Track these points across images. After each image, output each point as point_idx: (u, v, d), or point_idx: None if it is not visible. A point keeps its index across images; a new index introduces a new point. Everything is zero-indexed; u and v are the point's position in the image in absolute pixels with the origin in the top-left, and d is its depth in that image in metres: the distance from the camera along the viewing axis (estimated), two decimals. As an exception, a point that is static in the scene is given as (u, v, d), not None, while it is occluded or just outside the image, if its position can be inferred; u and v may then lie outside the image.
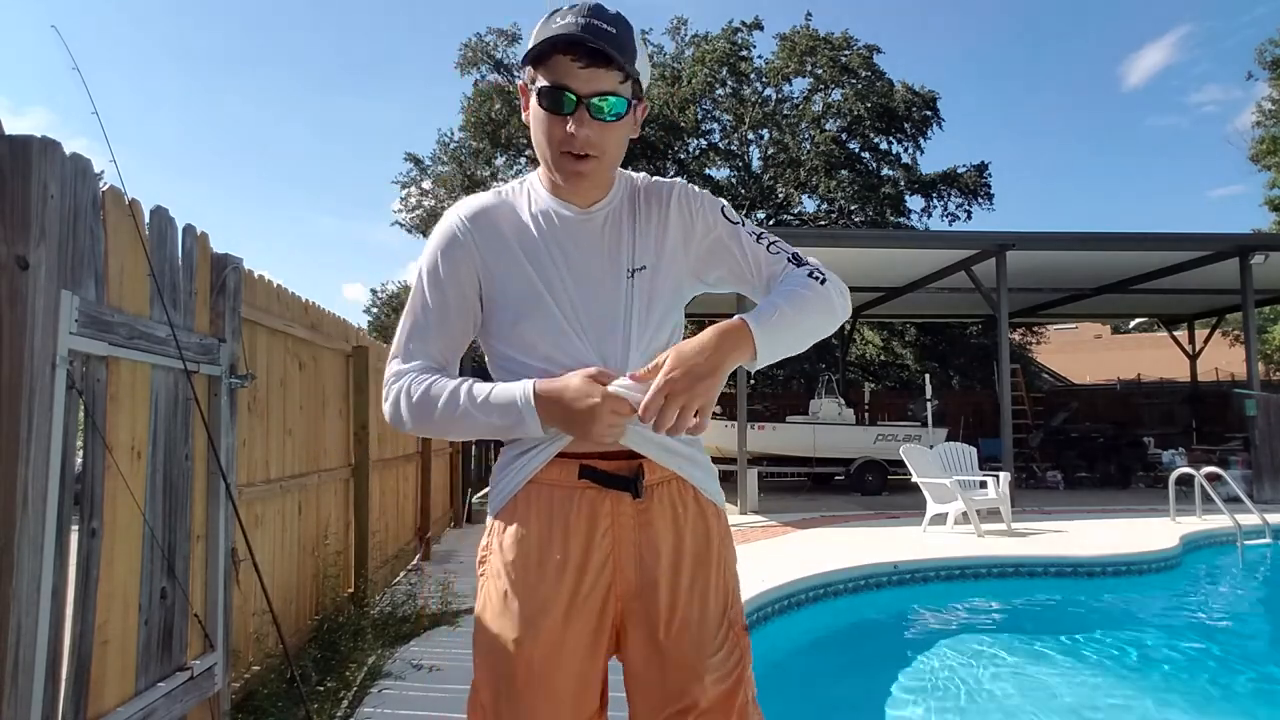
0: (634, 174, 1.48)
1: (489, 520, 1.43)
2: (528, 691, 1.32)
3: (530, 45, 1.30)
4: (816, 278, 1.36)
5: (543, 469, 1.36)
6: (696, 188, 1.46)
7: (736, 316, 1.28)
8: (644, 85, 1.37)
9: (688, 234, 1.42)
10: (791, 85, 25.16)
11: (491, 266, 1.38)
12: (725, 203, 1.46)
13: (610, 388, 1.24)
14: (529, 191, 1.43)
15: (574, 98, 1.27)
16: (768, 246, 1.42)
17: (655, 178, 1.47)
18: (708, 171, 25.88)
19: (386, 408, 1.38)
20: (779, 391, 21.83)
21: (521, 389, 1.28)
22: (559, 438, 1.34)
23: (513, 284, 1.37)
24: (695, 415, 1.20)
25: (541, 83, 1.30)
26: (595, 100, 1.27)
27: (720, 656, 1.37)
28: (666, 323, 1.41)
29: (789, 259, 1.41)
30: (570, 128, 1.28)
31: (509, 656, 1.32)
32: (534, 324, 1.35)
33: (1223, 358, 21.79)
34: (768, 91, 25.24)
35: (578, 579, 1.33)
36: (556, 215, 1.39)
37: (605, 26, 1.27)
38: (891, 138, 24.59)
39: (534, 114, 1.34)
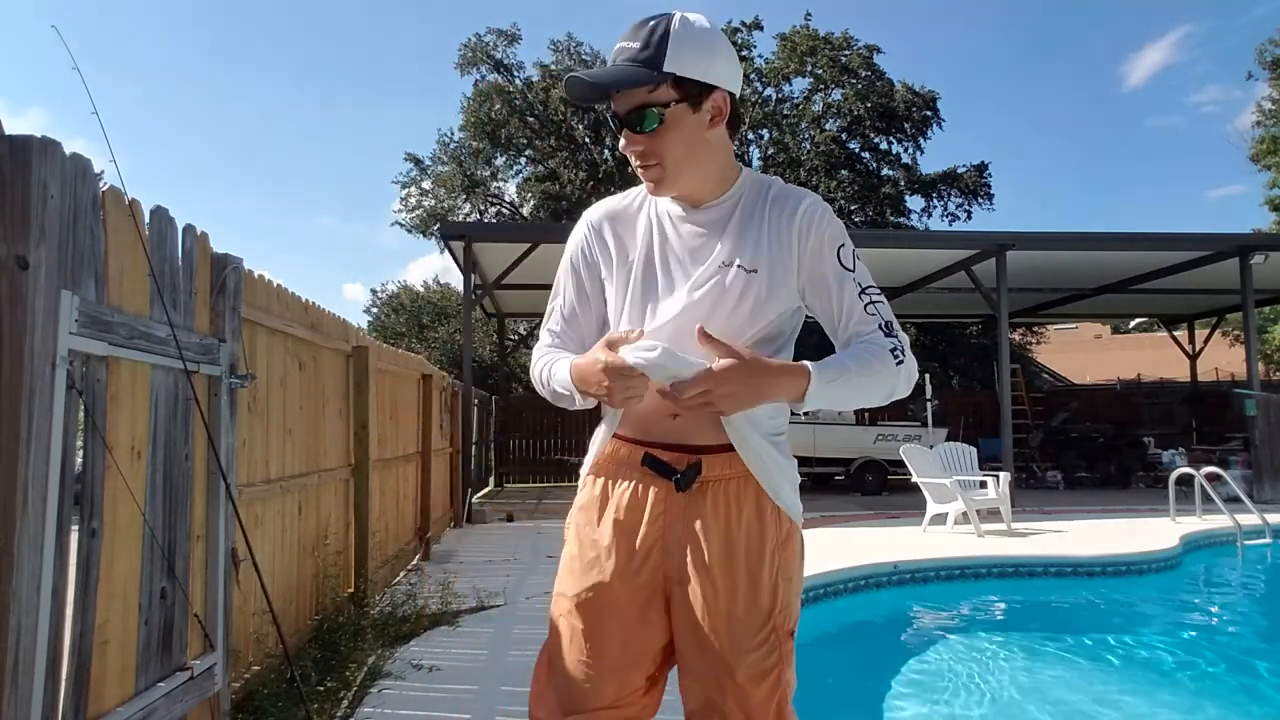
0: (771, 178, 1.50)
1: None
2: (573, 647, 1.45)
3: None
4: (896, 357, 1.38)
5: (619, 447, 1.49)
6: (829, 211, 1.46)
7: (805, 363, 1.34)
8: (704, 77, 1.35)
9: (799, 248, 1.43)
10: (791, 85, 25.19)
11: (604, 263, 1.52)
12: (847, 243, 1.45)
13: (622, 352, 1.30)
14: (654, 199, 1.52)
15: (617, 119, 1.39)
16: (866, 306, 1.42)
17: (790, 185, 1.49)
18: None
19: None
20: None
21: (566, 366, 1.43)
22: (616, 413, 1.49)
23: (616, 277, 1.50)
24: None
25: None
26: (630, 117, 1.36)
27: (759, 655, 1.41)
28: (759, 321, 1.43)
29: (880, 326, 1.41)
30: (623, 144, 1.41)
31: (561, 611, 1.48)
32: (627, 313, 1.47)
33: (1223, 358, 21.79)
34: (768, 91, 25.26)
35: (629, 553, 1.44)
36: (669, 214, 1.48)
37: (628, 44, 1.34)
38: (891, 138, 24.61)
39: None
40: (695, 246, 1.44)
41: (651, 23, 1.34)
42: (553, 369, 1.46)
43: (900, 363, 1.38)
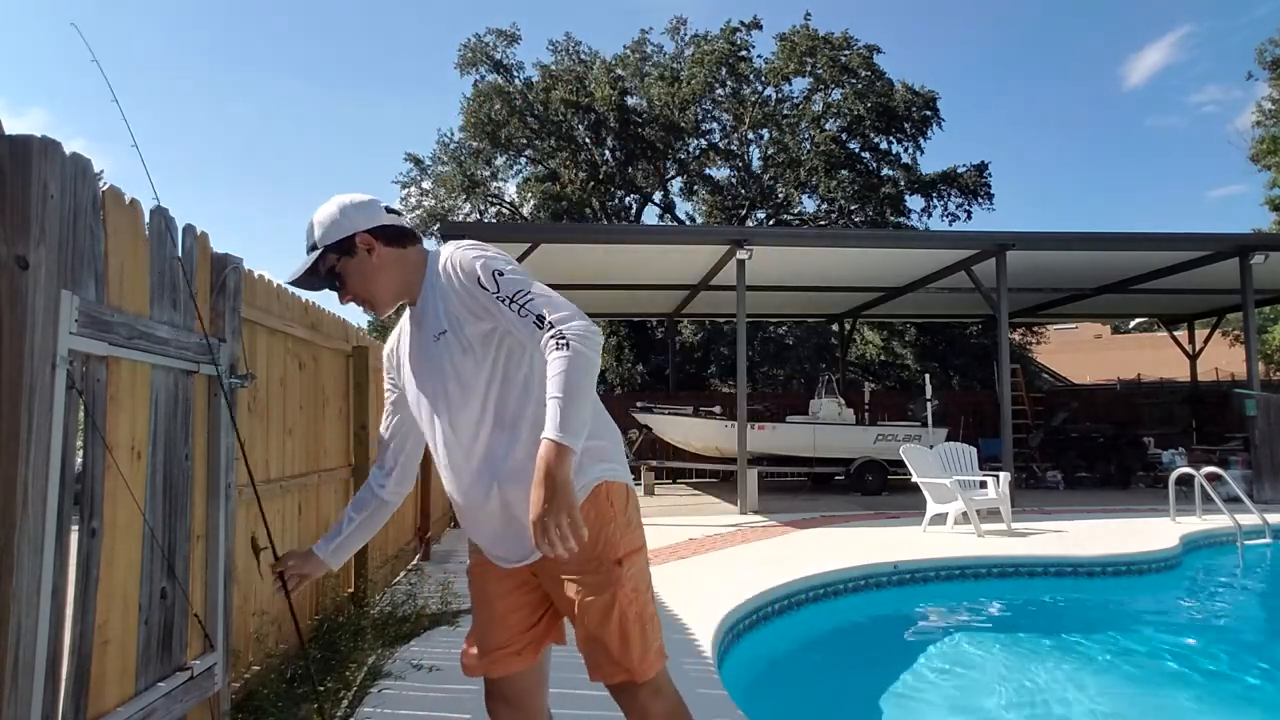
0: (436, 254, 1.83)
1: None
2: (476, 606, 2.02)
3: None
4: (557, 343, 1.58)
5: None
6: (460, 251, 1.76)
7: (543, 437, 1.54)
8: (345, 233, 1.82)
9: (455, 294, 1.74)
10: (791, 85, 25.17)
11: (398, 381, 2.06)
12: (480, 272, 1.71)
13: None
14: (405, 319, 1.97)
15: (318, 292, 1.93)
16: (519, 313, 1.66)
17: (438, 256, 1.81)
18: (708, 171, 25.89)
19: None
20: (779, 391, 21.83)
21: None
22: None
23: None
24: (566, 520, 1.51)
25: None
26: (323, 285, 1.87)
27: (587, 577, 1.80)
28: (482, 366, 1.74)
29: (534, 323, 1.63)
30: (340, 303, 1.90)
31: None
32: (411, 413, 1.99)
33: (1223, 358, 21.78)
34: (767, 91, 25.24)
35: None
36: (407, 322, 1.94)
37: (306, 244, 1.86)
38: (891, 138, 24.57)
39: None
40: (420, 336, 1.84)
41: (307, 225, 1.85)
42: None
43: (564, 341, 1.57)
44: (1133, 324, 33.13)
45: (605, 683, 1.83)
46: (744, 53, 24.36)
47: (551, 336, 1.59)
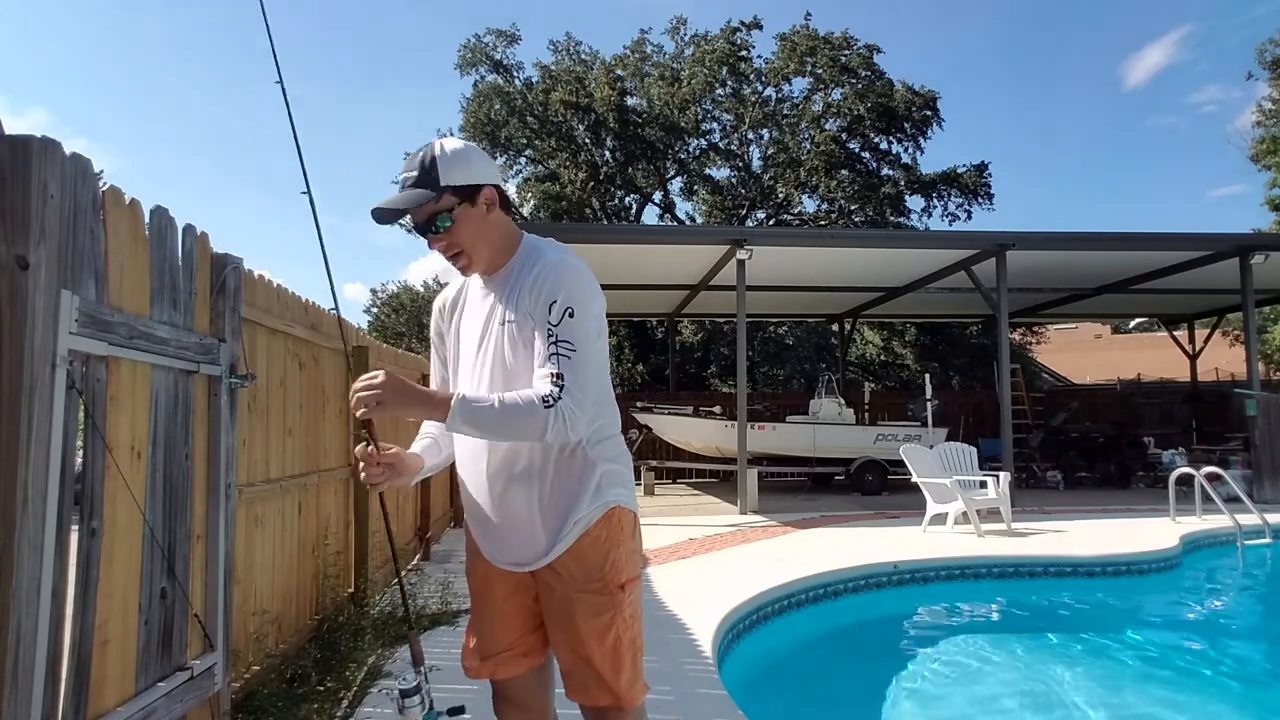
0: (544, 243, 1.85)
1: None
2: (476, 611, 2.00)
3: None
4: (546, 402, 1.64)
5: None
6: (560, 272, 1.75)
7: (457, 392, 1.67)
8: (472, 180, 1.75)
9: (530, 299, 1.76)
10: (791, 85, 25.15)
11: (445, 338, 1.97)
12: (561, 301, 1.72)
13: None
14: (471, 278, 1.92)
15: (418, 228, 1.78)
16: (550, 355, 1.69)
17: (544, 247, 1.83)
18: (708, 171, 25.88)
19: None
20: (779, 391, 21.82)
21: None
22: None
23: (450, 347, 1.96)
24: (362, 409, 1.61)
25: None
26: (425, 225, 1.76)
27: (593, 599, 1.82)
28: (529, 365, 1.73)
29: (550, 375, 1.67)
30: (430, 246, 1.80)
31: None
32: (454, 376, 1.94)
33: (1223, 358, 21.78)
34: (768, 91, 25.24)
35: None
36: (472, 288, 1.90)
37: (410, 174, 1.73)
38: (891, 138, 24.57)
39: None
40: (485, 310, 1.83)
41: (420, 156, 1.74)
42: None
43: (549, 406, 1.64)
44: (1133, 324, 33.13)
45: (586, 704, 1.83)
46: (744, 53, 24.35)
47: (548, 394, 1.64)
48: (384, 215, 1.71)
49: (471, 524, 1.90)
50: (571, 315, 1.70)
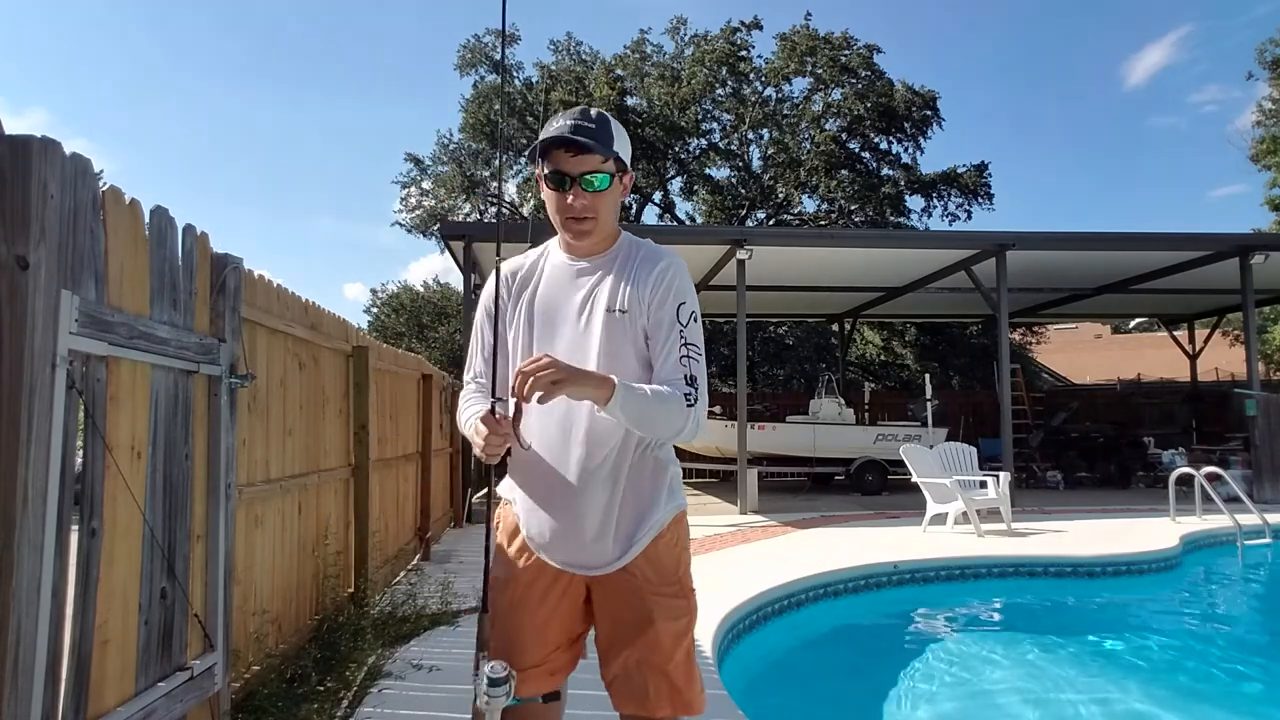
0: (638, 238, 1.83)
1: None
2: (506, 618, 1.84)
3: (535, 145, 1.70)
4: (688, 401, 1.65)
5: None
6: (682, 272, 1.76)
7: (615, 378, 1.59)
8: (626, 160, 1.76)
9: (650, 296, 1.73)
10: (791, 85, 25.17)
11: (510, 309, 1.82)
12: (689, 303, 1.75)
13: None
14: (548, 253, 1.85)
15: (569, 178, 1.69)
16: (681, 358, 1.70)
17: (657, 246, 1.81)
18: (708, 171, 25.89)
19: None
20: (779, 391, 21.82)
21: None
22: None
23: (520, 321, 1.80)
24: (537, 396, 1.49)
25: (546, 170, 1.71)
26: (584, 177, 1.68)
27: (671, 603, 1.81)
28: (637, 351, 1.72)
29: (685, 377, 1.68)
30: (569, 199, 1.70)
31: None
32: (523, 352, 1.77)
33: (1223, 358, 21.78)
34: (768, 91, 25.25)
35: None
36: (560, 266, 1.81)
37: (587, 124, 1.68)
38: (891, 137, 24.59)
39: (545, 193, 1.75)
40: (583, 291, 1.76)
41: (593, 112, 1.72)
42: (474, 421, 1.67)
43: (690, 405, 1.65)
44: (1133, 324, 33.12)
45: (641, 715, 1.73)
46: (744, 53, 24.36)
47: (688, 394, 1.65)
48: (563, 143, 1.65)
49: (530, 520, 1.77)
50: (695, 320, 1.74)
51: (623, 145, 1.74)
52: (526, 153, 1.81)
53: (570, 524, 1.72)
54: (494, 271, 1.81)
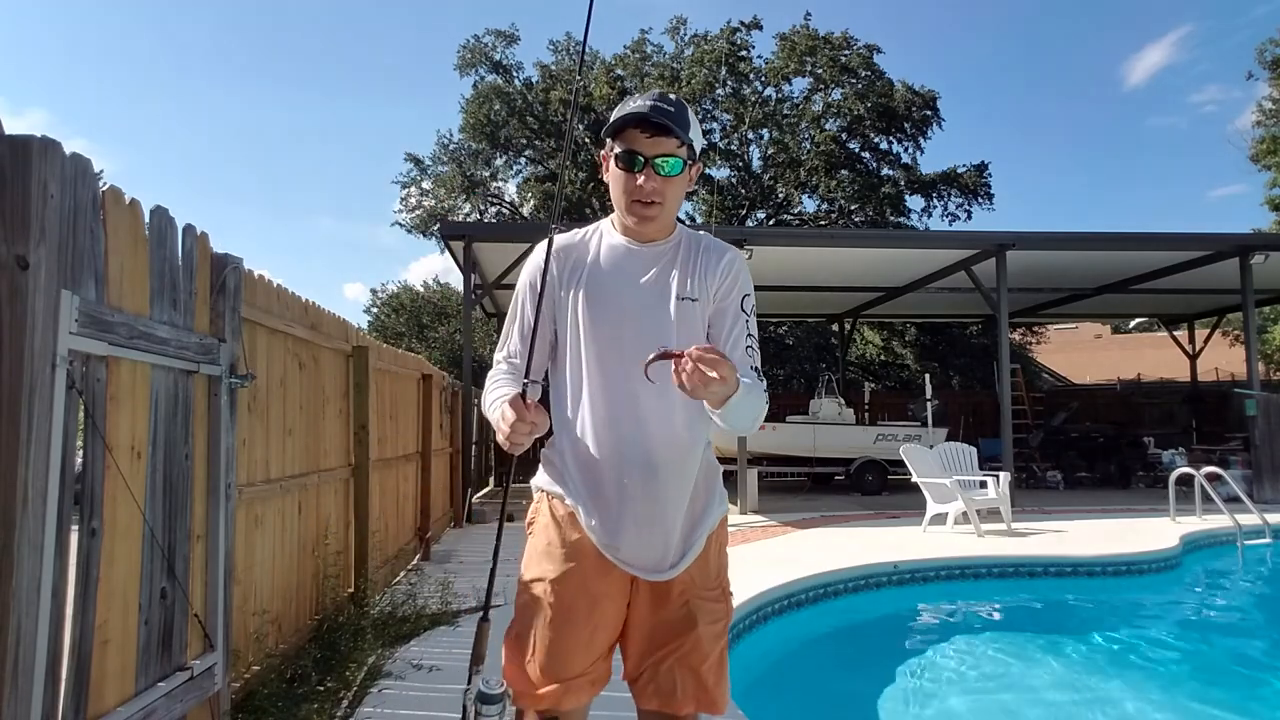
0: (703, 233, 1.80)
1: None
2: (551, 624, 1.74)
3: (611, 122, 1.66)
4: (766, 397, 1.65)
5: None
6: (745, 267, 1.77)
7: (742, 379, 1.51)
8: (698, 150, 1.72)
9: (717, 286, 1.72)
10: (791, 85, 25.20)
11: (561, 286, 1.73)
12: (752, 295, 1.77)
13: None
14: (602, 233, 1.78)
15: (642, 159, 1.63)
16: (747, 349, 1.71)
17: (720, 242, 1.79)
18: (708, 171, 25.88)
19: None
20: (779, 391, 21.83)
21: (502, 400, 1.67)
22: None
23: (571, 301, 1.72)
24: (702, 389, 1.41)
25: (618, 149, 1.65)
26: (658, 160, 1.63)
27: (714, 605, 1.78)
28: (700, 340, 1.67)
29: (753, 368, 1.67)
30: (640, 181, 1.64)
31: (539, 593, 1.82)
32: (586, 332, 1.70)
33: (1223, 358, 21.78)
34: (768, 91, 25.26)
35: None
36: (618, 248, 1.74)
37: (666, 107, 1.63)
38: (891, 137, 24.61)
39: (612, 173, 1.69)
40: (646, 276, 1.71)
41: (672, 97, 1.68)
42: (501, 406, 1.57)
43: (764, 398, 1.64)
44: (1133, 324, 33.13)
45: (665, 711, 1.68)
46: (744, 53, 24.38)
47: (764, 388, 1.66)
48: (648, 123, 1.60)
49: (596, 514, 1.66)
50: (754, 313, 1.76)
51: (697, 134, 1.70)
52: (602, 130, 1.78)
53: (647, 523, 1.64)
54: (546, 242, 1.70)
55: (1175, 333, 17.35)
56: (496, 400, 1.62)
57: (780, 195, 25.56)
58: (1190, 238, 11.09)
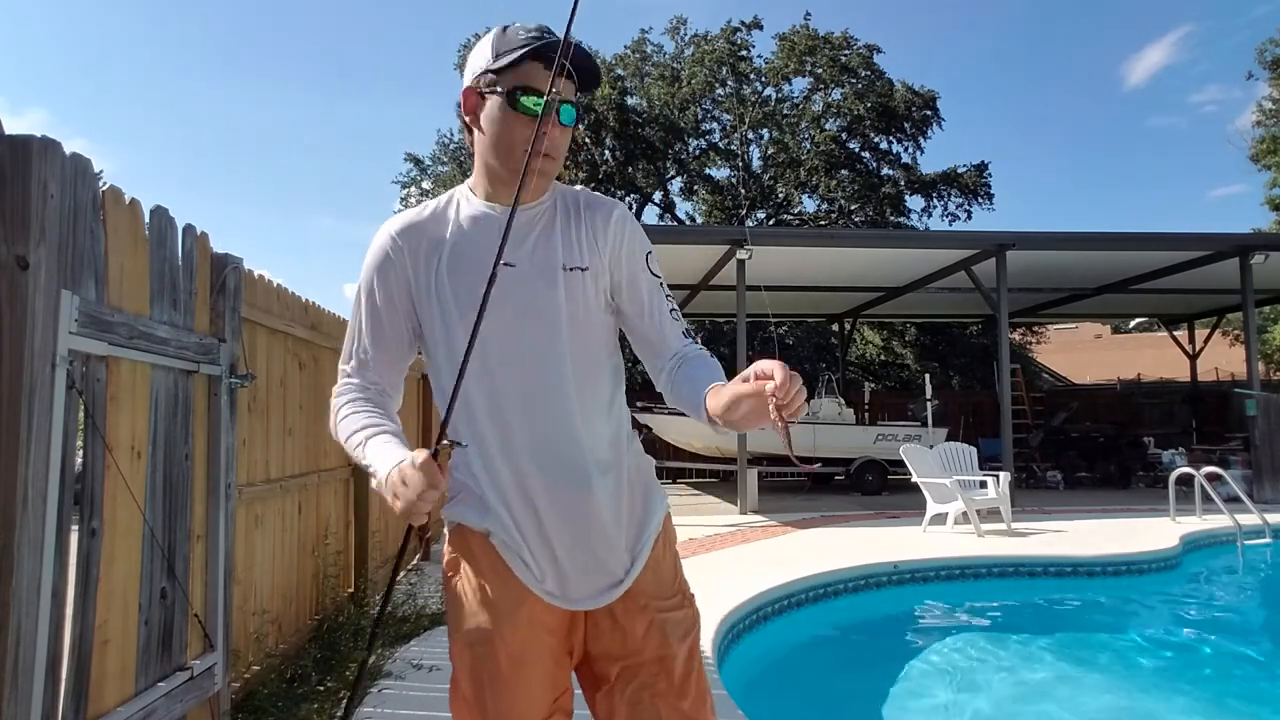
0: (579, 187, 1.52)
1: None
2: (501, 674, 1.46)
3: (493, 55, 1.36)
4: (712, 356, 1.42)
5: None
6: (632, 216, 1.50)
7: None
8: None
9: (613, 250, 1.45)
10: (791, 85, 25.18)
11: (414, 276, 1.42)
12: (652, 250, 1.51)
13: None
14: (458, 202, 1.46)
15: (554, 102, 1.33)
16: (670, 310, 1.48)
17: (595, 195, 1.50)
18: (708, 171, 25.89)
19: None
20: (779, 391, 21.78)
21: (380, 451, 1.30)
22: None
23: (433, 288, 1.41)
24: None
25: (514, 85, 1.34)
26: (567, 108, 1.36)
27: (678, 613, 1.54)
28: (604, 315, 1.45)
29: (684, 332, 1.47)
30: (549, 129, 1.33)
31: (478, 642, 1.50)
32: (459, 320, 1.39)
33: (1223, 358, 21.78)
34: (768, 91, 25.25)
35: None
36: (477, 218, 1.43)
37: (578, 43, 1.33)
38: (891, 137, 24.59)
39: (494, 117, 1.38)
40: (523, 249, 1.40)
41: (583, 49, 1.36)
42: (365, 447, 1.31)
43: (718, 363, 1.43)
44: (1133, 324, 33.14)
45: None
46: (744, 52, 24.37)
47: (697, 345, 1.47)
48: (582, 55, 1.32)
49: (534, 552, 1.39)
50: (659, 268, 1.51)
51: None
52: (487, 64, 1.37)
53: (585, 543, 1.39)
54: (385, 224, 1.44)
55: (1175, 333, 17.35)
56: (379, 448, 1.29)
57: (780, 195, 25.56)
58: (1190, 238, 11.09)
